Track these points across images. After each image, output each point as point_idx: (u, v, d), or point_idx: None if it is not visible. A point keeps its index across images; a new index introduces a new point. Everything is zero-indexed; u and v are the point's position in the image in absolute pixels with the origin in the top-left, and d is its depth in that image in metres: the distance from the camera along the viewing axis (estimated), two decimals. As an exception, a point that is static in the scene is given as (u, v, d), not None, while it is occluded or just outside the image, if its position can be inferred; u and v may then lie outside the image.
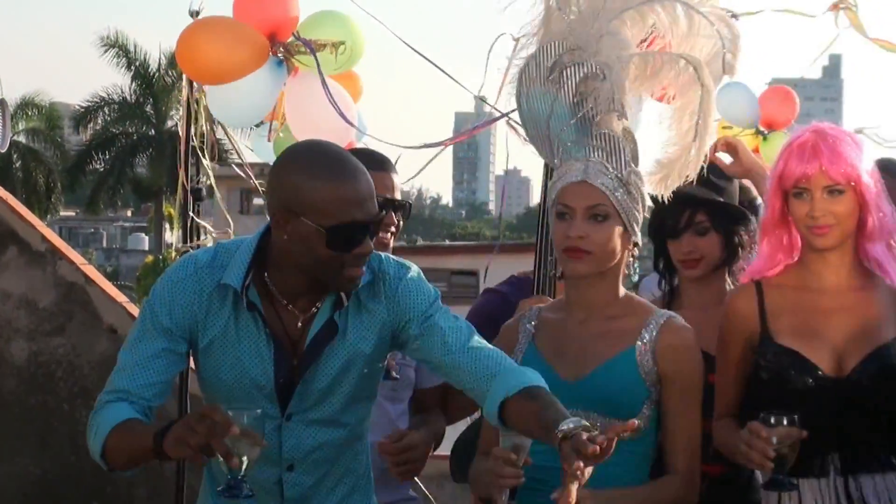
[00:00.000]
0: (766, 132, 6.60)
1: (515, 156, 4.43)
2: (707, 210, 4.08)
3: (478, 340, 3.27)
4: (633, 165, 3.41)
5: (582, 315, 3.44)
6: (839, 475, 3.41)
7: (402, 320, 3.29)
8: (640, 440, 3.36)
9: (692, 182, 3.66)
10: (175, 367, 3.25)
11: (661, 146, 3.65)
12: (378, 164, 4.12)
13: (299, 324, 3.25)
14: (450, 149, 5.69)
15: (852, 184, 3.39)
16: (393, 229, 4.12)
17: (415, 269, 3.32)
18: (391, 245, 4.12)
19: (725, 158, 4.17)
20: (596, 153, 3.38)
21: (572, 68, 3.44)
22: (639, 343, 3.37)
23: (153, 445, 2.95)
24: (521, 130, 4.76)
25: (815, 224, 3.41)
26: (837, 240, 3.43)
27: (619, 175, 3.35)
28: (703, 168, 3.67)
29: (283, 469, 3.32)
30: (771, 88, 6.46)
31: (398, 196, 4.16)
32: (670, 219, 4.07)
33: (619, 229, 3.36)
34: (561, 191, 3.40)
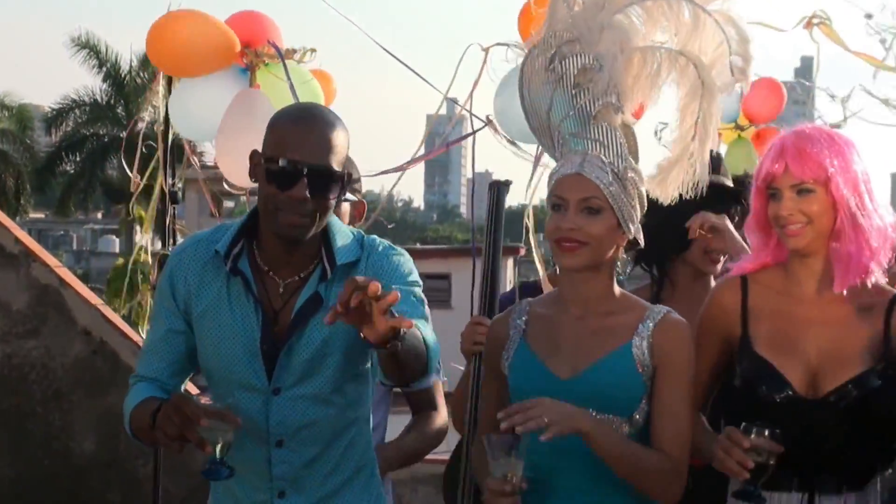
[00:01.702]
0: (745, 127, 6.53)
1: (487, 158, 4.39)
2: (738, 205, 4.17)
3: (424, 323, 3.23)
4: (631, 161, 3.39)
5: (578, 311, 3.42)
6: (798, 491, 3.41)
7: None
8: (637, 435, 3.34)
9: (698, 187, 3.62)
10: (180, 346, 3.43)
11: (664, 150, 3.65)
12: None
13: (280, 290, 3.34)
14: (421, 151, 5.71)
15: (823, 183, 3.37)
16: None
17: (407, 256, 3.42)
18: None
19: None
20: (594, 146, 3.38)
21: (571, 59, 3.44)
22: (636, 338, 3.35)
23: (150, 422, 3.15)
24: (502, 133, 4.77)
25: (785, 223, 3.41)
26: (810, 240, 3.41)
27: (615, 169, 3.35)
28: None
29: (272, 446, 3.37)
30: (758, 81, 6.37)
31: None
32: (716, 209, 4.12)
33: (611, 224, 3.34)
34: (556, 183, 3.39)
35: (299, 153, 3.21)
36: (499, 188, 4.33)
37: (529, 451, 3.17)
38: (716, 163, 4.22)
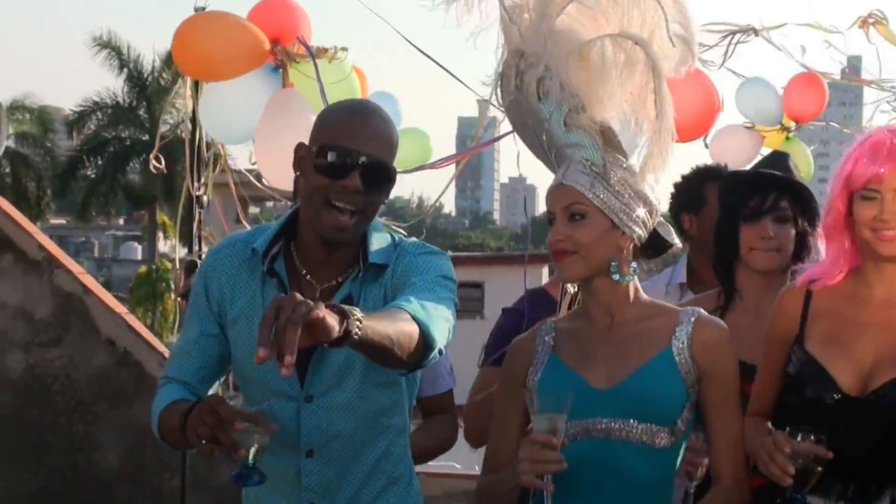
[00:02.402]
0: (791, 128, 6.49)
1: (521, 162, 4.38)
2: (792, 197, 4.06)
3: (433, 306, 3.17)
4: (616, 158, 3.37)
5: (605, 320, 3.40)
6: (844, 500, 3.38)
7: (396, 285, 3.33)
8: (678, 445, 3.35)
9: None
10: (212, 350, 3.42)
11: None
12: None
13: (317, 294, 3.32)
14: (452, 153, 5.72)
15: None
16: None
17: (442, 256, 3.40)
18: None
19: None
20: (576, 151, 3.37)
21: (528, 73, 3.44)
22: (675, 342, 3.33)
23: (180, 424, 3.10)
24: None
25: (883, 227, 3.36)
26: None
27: (597, 169, 3.33)
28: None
29: (302, 455, 3.37)
30: (796, 77, 6.33)
31: None
32: (749, 199, 4.05)
33: (604, 226, 3.31)
34: (546, 198, 3.42)
35: (355, 142, 3.22)
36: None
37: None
38: (783, 162, 4.20)
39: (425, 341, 3.05)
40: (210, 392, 3.48)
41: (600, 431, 3.30)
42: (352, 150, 3.21)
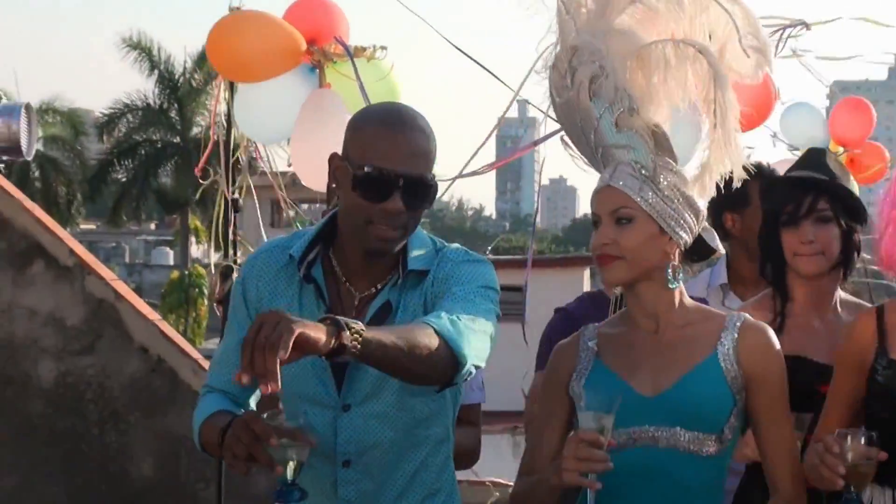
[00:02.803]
0: (838, 153, 6.48)
1: (561, 163, 4.41)
2: (830, 197, 4.04)
3: (469, 320, 3.19)
4: (664, 162, 3.36)
5: (651, 325, 3.40)
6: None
7: (436, 293, 3.33)
8: (725, 453, 3.35)
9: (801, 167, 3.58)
10: None
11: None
12: None
13: (356, 302, 3.33)
14: (493, 156, 5.73)
15: None
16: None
17: (485, 264, 3.39)
18: None
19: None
20: (624, 153, 3.37)
21: (581, 71, 3.43)
22: (720, 348, 3.34)
23: (219, 439, 3.13)
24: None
25: None
26: None
27: (647, 173, 3.32)
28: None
29: (339, 466, 3.37)
30: (842, 102, 6.32)
31: None
32: (786, 204, 4.05)
33: (651, 231, 3.32)
34: (591, 199, 3.41)
35: (393, 161, 3.19)
36: None
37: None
38: (819, 158, 4.18)
39: (454, 357, 3.06)
40: (252, 400, 3.50)
41: (647, 439, 3.31)
42: (391, 171, 3.18)
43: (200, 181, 6.06)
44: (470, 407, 4.44)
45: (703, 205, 3.40)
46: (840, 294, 4.16)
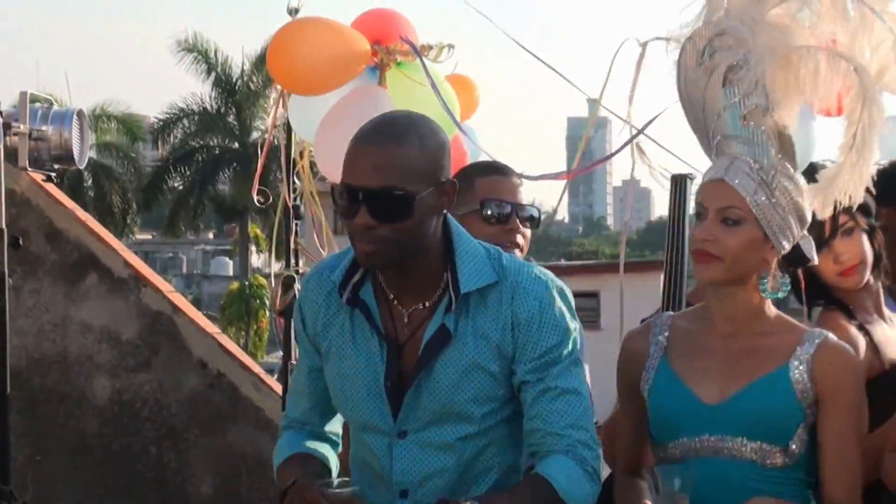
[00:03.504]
0: None
1: (635, 166, 4.37)
2: (844, 209, 4.04)
3: (576, 423, 3.28)
4: (786, 167, 3.37)
5: (727, 329, 3.41)
6: None
7: (514, 347, 3.29)
8: (793, 467, 3.34)
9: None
10: (322, 384, 3.47)
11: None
12: (498, 169, 4.30)
13: (405, 321, 3.31)
14: (563, 159, 5.71)
15: None
16: (520, 239, 4.18)
17: (553, 285, 3.32)
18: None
19: None
20: (744, 148, 3.37)
21: (721, 53, 3.45)
22: (794, 361, 3.34)
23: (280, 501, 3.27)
24: (647, 152, 4.76)
25: None
26: None
27: (764, 176, 3.32)
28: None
29: (396, 495, 3.34)
30: None
31: (522, 200, 4.23)
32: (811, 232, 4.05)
33: (756, 236, 3.32)
34: (700, 189, 3.41)
35: (354, 177, 3.17)
36: (682, 182, 4.34)
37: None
38: None
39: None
40: (332, 424, 3.57)
41: (709, 449, 3.33)
42: (351, 186, 3.16)
43: (258, 201, 6.07)
44: None
45: (810, 215, 3.40)
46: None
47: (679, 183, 4.37)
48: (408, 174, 3.16)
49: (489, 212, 4.16)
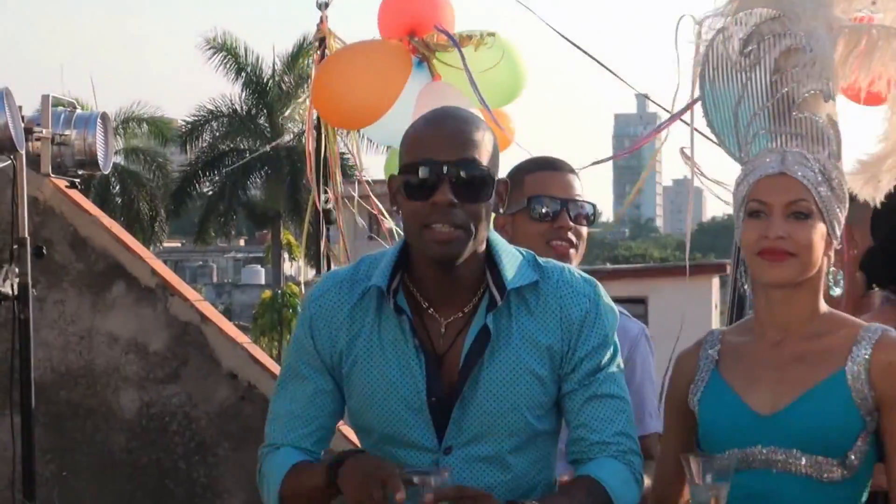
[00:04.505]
0: None
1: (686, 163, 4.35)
2: None
3: (623, 430, 3.35)
4: (837, 159, 3.35)
5: (777, 335, 3.36)
6: None
7: (567, 348, 3.33)
8: (851, 480, 3.28)
9: None
10: (328, 407, 3.42)
11: (866, 143, 3.60)
12: (548, 164, 4.30)
13: (443, 331, 3.31)
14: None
15: None
16: (572, 236, 4.17)
17: (597, 284, 3.38)
18: (573, 261, 4.13)
19: None
20: (793, 141, 3.34)
21: (771, 39, 3.40)
22: (849, 364, 3.27)
23: (326, 479, 3.18)
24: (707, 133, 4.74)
25: None
26: None
27: (822, 168, 3.29)
28: None
29: None
30: None
31: (575, 196, 4.21)
32: None
33: (821, 231, 3.29)
34: (754, 185, 3.33)
35: (434, 151, 3.20)
36: None
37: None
38: None
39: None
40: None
41: (760, 462, 3.28)
42: (433, 160, 3.18)
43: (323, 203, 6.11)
44: (643, 437, 4.27)
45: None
46: None
47: None
48: (486, 153, 3.22)
49: (537, 208, 4.15)
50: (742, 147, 3.44)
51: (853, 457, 3.25)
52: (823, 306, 3.39)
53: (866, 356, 3.27)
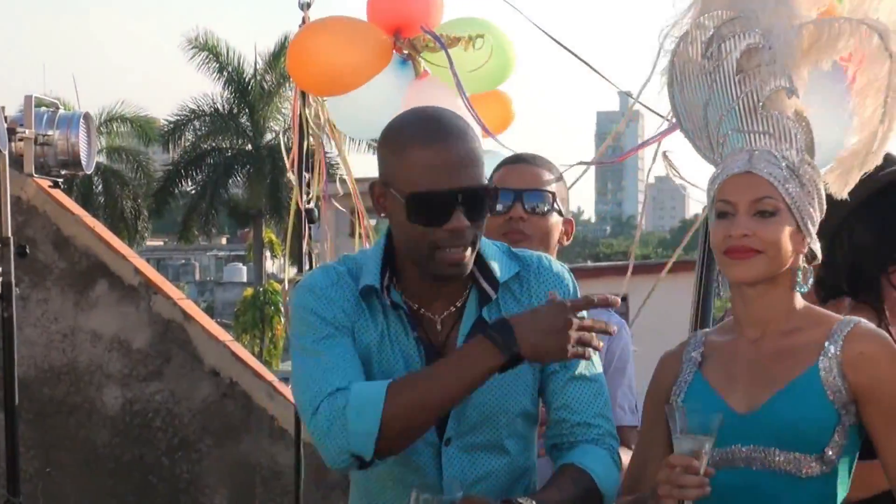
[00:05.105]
0: None
1: (667, 163, 4.34)
2: None
3: (602, 412, 3.40)
4: (806, 155, 3.34)
5: (755, 333, 3.36)
6: None
7: None
8: (830, 475, 3.28)
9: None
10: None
11: (837, 138, 3.56)
12: (511, 159, 4.29)
13: (439, 327, 3.33)
14: (592, 154, 5.72)
15: None
16: (526, 228, 4.13)
17: (570, 270, 3.43)
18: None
19: None
20: (762, 140, 3.33)
21: (733, 40, 3.39)
22: (822, 358, 3.26)
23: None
24: (675, 151, 4.72)
25: None
26: None
27: (790, 165, 3.29)
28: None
29: None
30: None
31: (534, 186, 4.18)
32: None
33: (789, 228, 3.27)
34: (721, 186, 3.33)
35: (447, 178, 3.15)
36: None
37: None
38: None
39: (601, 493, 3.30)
40: None
41: (741, 460, 3.29)
42: (446, 190, 3.14)
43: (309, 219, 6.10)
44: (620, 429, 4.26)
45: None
46: None
47: None
48: (484, 168, 3.22)
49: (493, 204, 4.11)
50: (715, 149, 3.44)
51: (830, 452, 3.25)
52: (800, 302, 3.38)
53: (838, 349, 3.26)
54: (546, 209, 4.17)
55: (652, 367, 3.58)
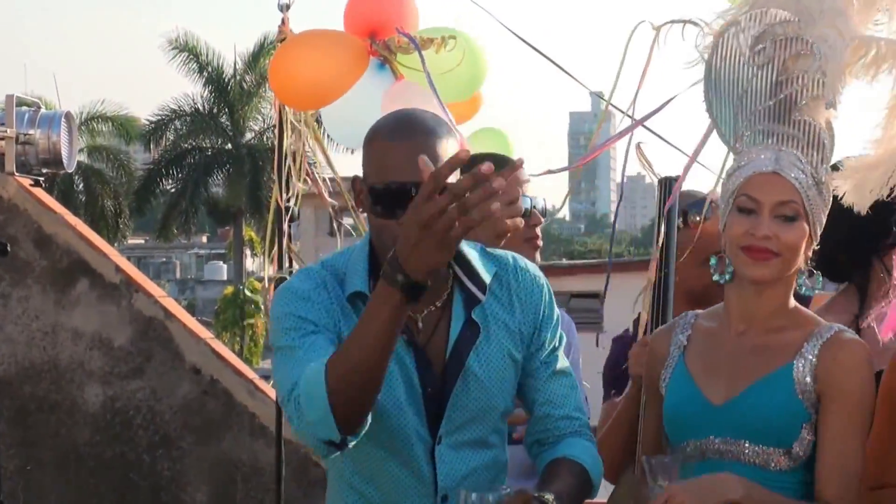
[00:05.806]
0: None
1: (639, 162, 4.34)
2: None
3: (579, 405, 3.43)
4: (828, 166, 3.39)
5: (741, 326, 3.41)
6: None
7: (533, 329, 3.37)
8: (798, 470, 3.32)
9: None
10: None
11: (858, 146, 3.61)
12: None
13: (420, 326, 3.31)
14: (564, 155, 5.70)
15: None
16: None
17: (546, 286, 3.42)
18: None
19: None
20: (790, 142, 3.36)
21: (783, 42, 3.41)
22: (798, 359, 3.32)
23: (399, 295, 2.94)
24: (648, 147, 4.68)
25: None
26: None
27: (814, 172, 3.33)
28: None
29: (438, 501, 3.34)
30: None
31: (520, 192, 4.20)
32: None
33: (806, 233, 3.33)
34: (747, 181, 3.35)
35: (405, 172, 3.13)
36: (670, 185, 4.23)
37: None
38: None
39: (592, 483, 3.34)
40: None
41: (714, 452, 3.34)
42: (404, 182, 3.13)
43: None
44: None
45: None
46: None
47: (666, 186, 4.23)
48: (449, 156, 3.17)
49: None
50: (736, 138, 3.47)
51: (798, 448, 3.30)
52: (792, 302, 3.43)
53: (815, 353, 3.31)
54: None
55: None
